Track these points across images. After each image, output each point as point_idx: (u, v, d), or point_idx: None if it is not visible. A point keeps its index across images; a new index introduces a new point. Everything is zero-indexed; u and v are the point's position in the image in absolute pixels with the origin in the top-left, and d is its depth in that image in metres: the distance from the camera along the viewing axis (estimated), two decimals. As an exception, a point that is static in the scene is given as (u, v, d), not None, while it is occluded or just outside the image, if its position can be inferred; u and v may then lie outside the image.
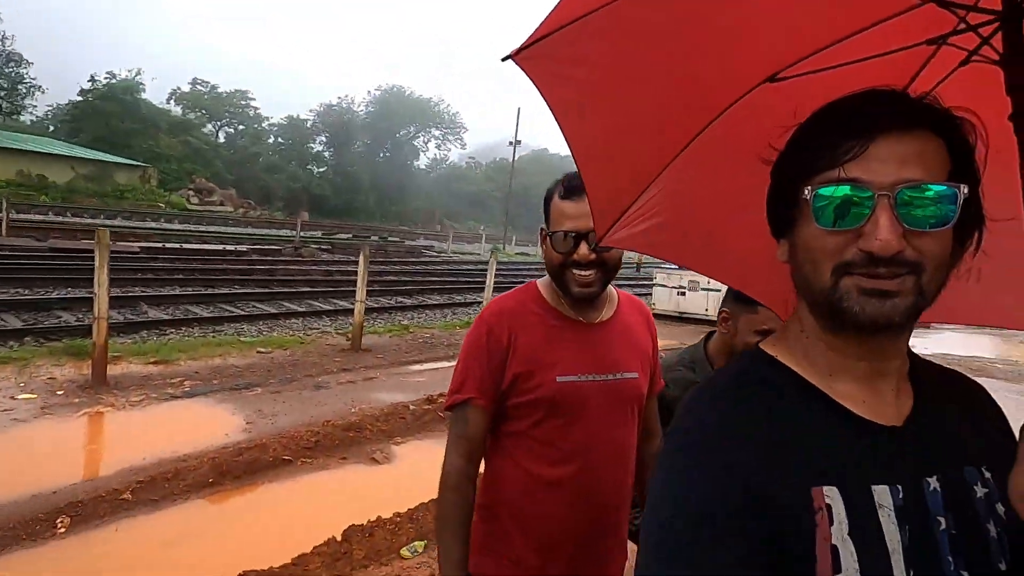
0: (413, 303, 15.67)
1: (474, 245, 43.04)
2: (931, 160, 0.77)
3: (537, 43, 1.02)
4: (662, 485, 0.79)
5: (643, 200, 1.34)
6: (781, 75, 1.15)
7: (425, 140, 78.15)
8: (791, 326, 0.90)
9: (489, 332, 1.69)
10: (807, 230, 0.81)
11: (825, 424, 0.82)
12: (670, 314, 16.44)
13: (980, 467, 0.85)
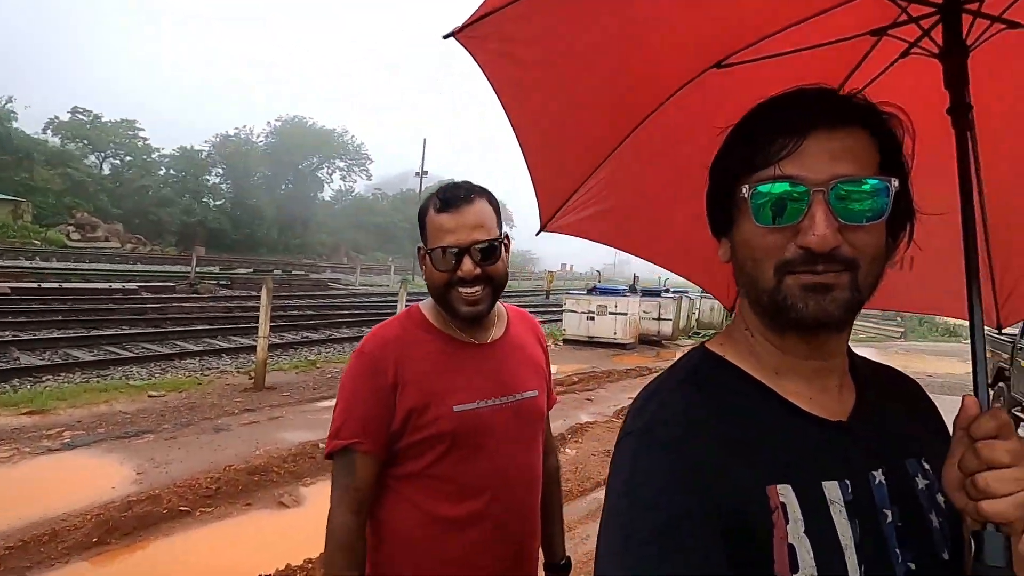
0: (320, 337, 15.15)
1: (383, 277, 42.33)
2: (862, 155, 0.79)
3: (481, 20, 0.98)
4: (623, 486, 0.78)
5: (590, 185, 1.31)
6: (728, 61, 1.15)
7: (329, 171, 76.57)
8: (736, 325, 0.91)
9: (372, 366, 1.53)
10: (746, 228, 0.82)
11: (776, 421, 0.82)
12: (580, 339, 16.72)
13: (920, 459, 0.88)
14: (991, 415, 0.77)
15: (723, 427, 0.80)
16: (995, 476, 0.73)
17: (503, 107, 1.12)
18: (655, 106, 1.20)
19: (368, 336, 1.61)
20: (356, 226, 73.82)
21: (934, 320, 34.79)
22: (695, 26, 1.12)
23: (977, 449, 0.75)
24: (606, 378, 12.16)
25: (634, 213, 1.40)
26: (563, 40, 1.09)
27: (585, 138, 1.25)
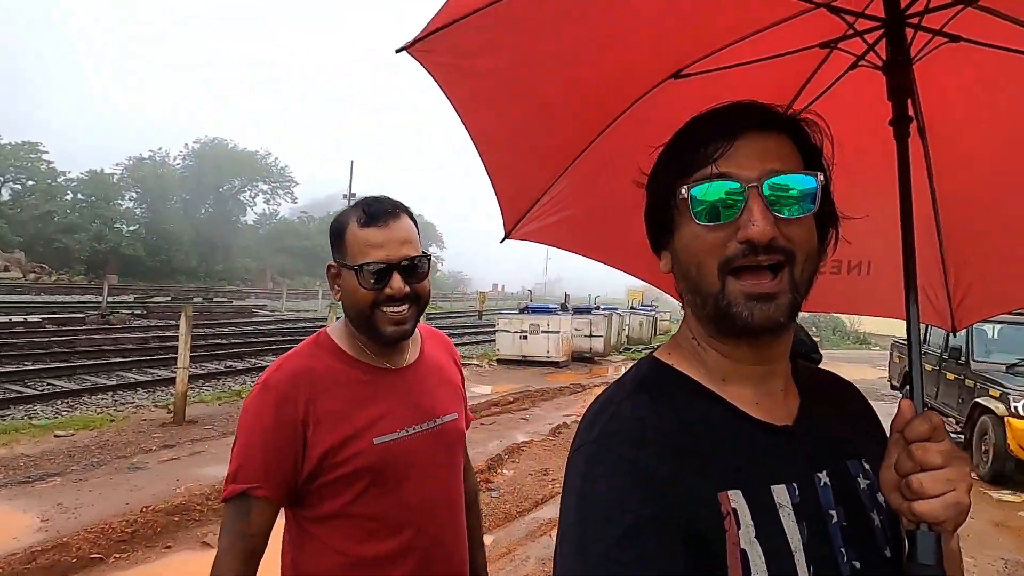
0: (245, 366, 14.55)
1: (310, 301, 41.17)
2: (788, 156, 0.84)
3: (434, 34, 0.97)
4: (577, 501, 0.78)
5: (554, 192, 1.32)
6: (686, 71, 1.18)
7: (252, 194, 74.04)
8: (683, 334, 0.93)
9: (278, 402, 1.39)
10: (687, 232, 0.85)
11: (725, 428, 0.84)
12: (514, 358, 16.74)
13: (860, 460, 0.91)
14: (924, 418, 0.80)
15: (674, 435, 0.81)
16: (928, 477, 0.76)
17: (461, 119, 1.12)
18: (616, 115, 1.22)
19: (273, 367, 1.45)
20: (282, 250, 71.65)
21: (845, 329, 36.85)
22: (653, 37, 1.14)
23: (911, 451, 0.78)
24: (540, 397, 12.20)
25: (598, 220, 1.41)
26: (521, 51, 1.09)
27: (547, 147, 1.26)
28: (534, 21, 1.05)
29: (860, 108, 0.98)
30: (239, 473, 1.38)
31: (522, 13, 1.01)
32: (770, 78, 1.23)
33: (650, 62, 1.17)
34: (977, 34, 1.06)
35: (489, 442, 8.53)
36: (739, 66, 1.14)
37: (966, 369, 9.15)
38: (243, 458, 1.38)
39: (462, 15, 0.96)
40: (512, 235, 1.39)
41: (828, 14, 1.06)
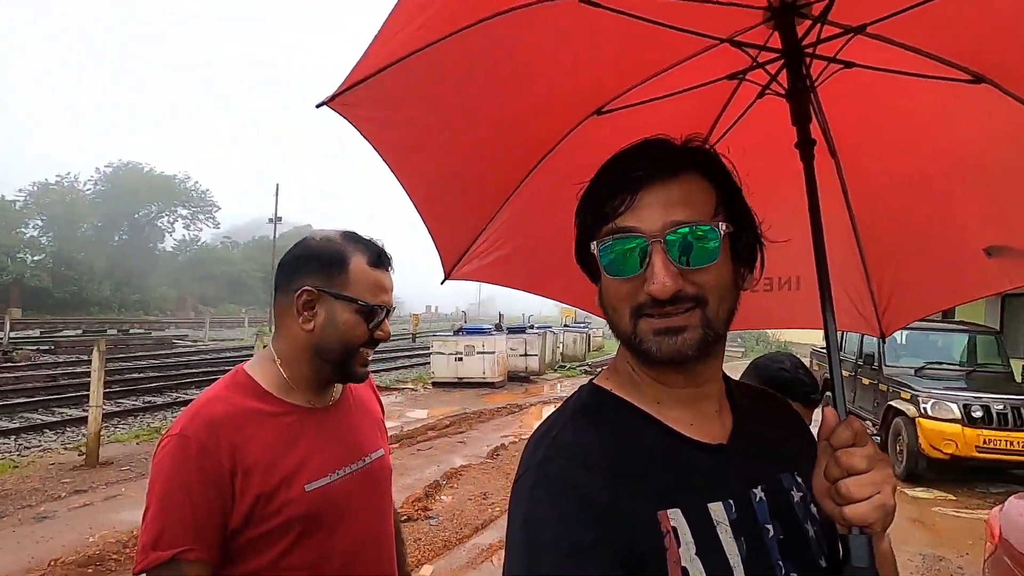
0: (166, 401, 13.81)
1: (236, 330, 39.68)
2: (696, 201, 0.85)
3: (355, 88, 0.98)
4: (521, 527, 0.80)
5: (490, 231, 1.35)
6: (607, 108, 1.23)
7: (171, 220, 71.00)
8: (620, 360, 0.95)
9: (200, 454, 1.26)
10: (604, 279, 0.89)
11: (662, 449, 0.87)
12: (449, 380, 16.56)
13: (793, 473, 0.95)
14: (847, 425, 0.83)
15: (613, 458, 0.84)
16: (854, 482, 0.79)
17: (389, 167, 1.13)
18: (544, 153, 1.26)
19: (188, 415, 1.31)
20: (204, 277, 68.80)
21: (768, 338, 38.42)
22: (572, 77, 1.18)
23: (837, 457, 0.81)
24: (477, 419, 12.11)
25: (535, 255, 1.44)
26: (444, 99, 1.12)
27: (478, 189, 1.28)
28: (455, 69, 1.07)
29: (779, 133, 1.04)
30: (163, 538, 1.21)
31: (442, 62, 1.03)
32: (688, 110, 1.28)
33: (572, 101, 1.22)
34: (870, 60, 1.13)
35: (426, 468, 8.38)
36: (656, 100, 1.19)
37: (879, 374, 9.67)
38: (165, 520, 1.22)
39: (382, 67, 0.97)
40: (452, 276, 1.41)
41: (738, 48, 1.12)
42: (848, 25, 1.09)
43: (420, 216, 1.25)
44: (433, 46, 0.97)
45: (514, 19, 0.99)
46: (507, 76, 1.13)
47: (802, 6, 1.04)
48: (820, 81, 1.10)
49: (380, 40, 0.93)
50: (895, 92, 1.23)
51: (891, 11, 1.04)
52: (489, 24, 0.98)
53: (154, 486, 1.26)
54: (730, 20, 1.09)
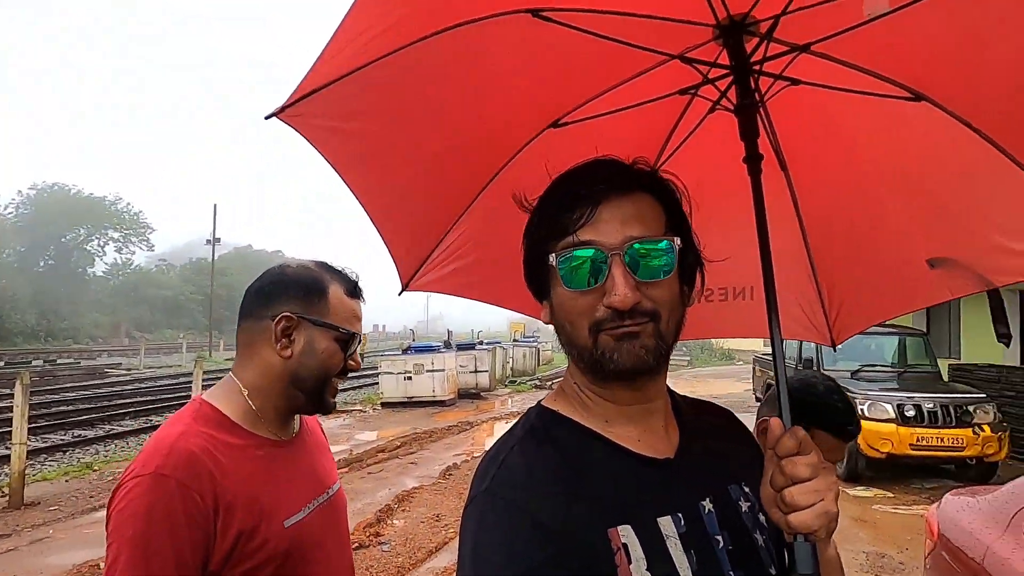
0: (98, 434, 13.07)
1: (174, 356, 38.15)
2: (649, 217, 0.89)
3: (305, 99, 0.96)
4: (472, 552, 0.80)
5: (447, 243, 1.34)
6: (563, 121, 1.24)
7: (101, 244, 67.99)
8: (567, 381, 0.97)
9: (182, 493, 1.16)
10: (560, 293, 0.89)
11: (611, 466, 0.88)
12: (399, 401, 16.32)
13: (740, 483, 0.97)
14: (791, 434, 0.85)
15: (562, 478, 0.84)
16: (798, 490, 0.81)
17: (342, 179, 1.12)
18: (501, 165, 1.27)
19: (161, 452, 1.20)
20: (138, 302, 65.99)
21: (712, 347, 39.42)
22: (528, 90, 1.19)
23: (782, 466, 0.83)
24: (429, 438, 11.94)
25: (494, 267, 1.43)
26: (399, 111, 1.11)
27: (436, 200, 1.28)
28: (410, 81, 1.07)
29: (733, 147, 1.06)
30: None
31: (397, 74, 1.02)
32: (643, 124, 1.30)
33: (529, 113, 1.23)
34: (815, 77, 1.17)
35: (377, 491, 8.19)
36: (612, 113, 1.21)
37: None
38: (145, 567, 1.12)
39: (333, 79, 0.95)
40: (410, 287, 1.39)
41: (689, 64, 1.14)
42: (794, 43, 1.12)
43: (375, 227, 1.24)
44: (387, 58, 0.96)
45: (469, 32, 0.99)
46: (464, 88, 1.14)
47: (750, 24, 1.07)
48: (768, 97, 1.13)
49: (330, 52, 0.92)
50: (841, 108, 1.27)
51: (835, 31, 1.08)
52: (444, 36, 0.98)
53: (124, 530, 1.14)
54: (681, 37, 1.11)
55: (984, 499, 3.15)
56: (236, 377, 1.38)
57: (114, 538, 1.14)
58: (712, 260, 1.00)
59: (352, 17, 0.88)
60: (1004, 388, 10.40)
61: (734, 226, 0.95)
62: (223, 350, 44.06)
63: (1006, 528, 2.85)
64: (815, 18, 1.05)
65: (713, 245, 0.97)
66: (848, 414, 1.62)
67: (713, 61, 1.13)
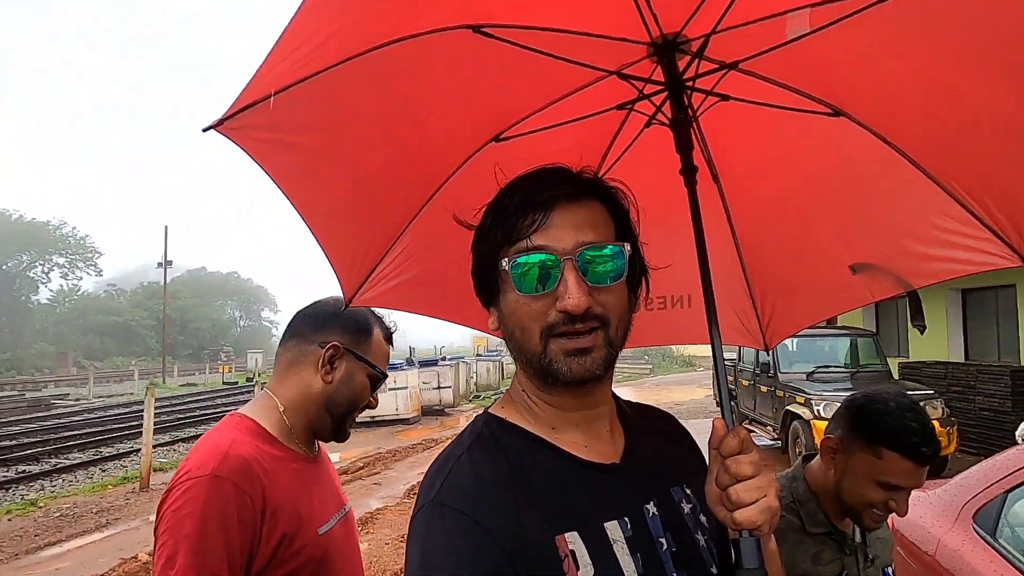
0: (44, 469, 12.50)
1: (125, 384, 36.85)
2: (600, 224, 0.91)
3: (244, 111, 0.94)
4: (419, 562, 0.79)
5: (391, 257, 1.34)
6: (505, 135, 1.26)
7: (46, 270, 65.56)
8: (515, 388, 0.98)
9: (237, 495, 1.25)
10: (511, 298, 0.90)
11: (558, 473, 0.89)
12: (362, 420, 15.99)
13: (682, 485, 0.99)
14: (734, 434, 0.88)
15: (510, 486, 0.85)
16: (742, 487, 0.84)
17: (284, 193, 1.11)
18: (444, 178, 1.28)
19: (218, 455, 1.28)
20: (86, 330, 63.68)
21: (673, 354, 39.98)
22: (470, 104, 1.21)
23: (727, 465, 0.86)
24: (392, 458, 11.78)
25: (438, 280, 1.44)
26: (341, 124, 1.10)
27: (378, 215, 1.28)
28: (352, 94, 1.06)
29: (669, 160, 1.09)
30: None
31: (338, 87, 1.02)
32: (582, 137, 1.32)
33: (470, 128, 1.24)
34: (744, 93, 1.22)
35: (341, 515, 8.02)
36: (552, 128, 1.23)
37: (775, 381, 10.23)
38: (203, 561, 1.19)
39: (274, 91, 0.94)
40: (354, 302, 1.39)
41: (625, 80, 1.16)
42: (723, 61, 1.16)
43: (318, 242, 1.22)
44: (329, 71, 0.95)
45: (412, 47, 0.99)
46: (406, 102, 1.14)
47: (681, 43, 1.10)
48: (701, 112, 1.16)
49: (270, 63, 0.90)
50: (769, 123, 1.32)
51: (760, 49, 1.13)
52: (387, 50, 0.98)
53: (181, 528, 1.21)
54: (618, 54, 1.13)
55: (934, 493, 3.24)
56: (274, 394, 1.49)
57: (169, 536, 1.21)
58: (656, 268, 1.02)
59: (293, 28, 0.87)
60: (951, 384, 10.79)
61: (671, 236, 0.98)
62: (177, 376, 42.79)
63: (955, 520, 2.93)
64: (743, 38, 1.09)
65: (652, 255, 0.99)
66: (924, 435, 1.48)
67: (648, 77, 1.16)
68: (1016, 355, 10.62)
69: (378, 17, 0.95)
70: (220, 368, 41.56)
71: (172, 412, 20.76)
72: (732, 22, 1.05)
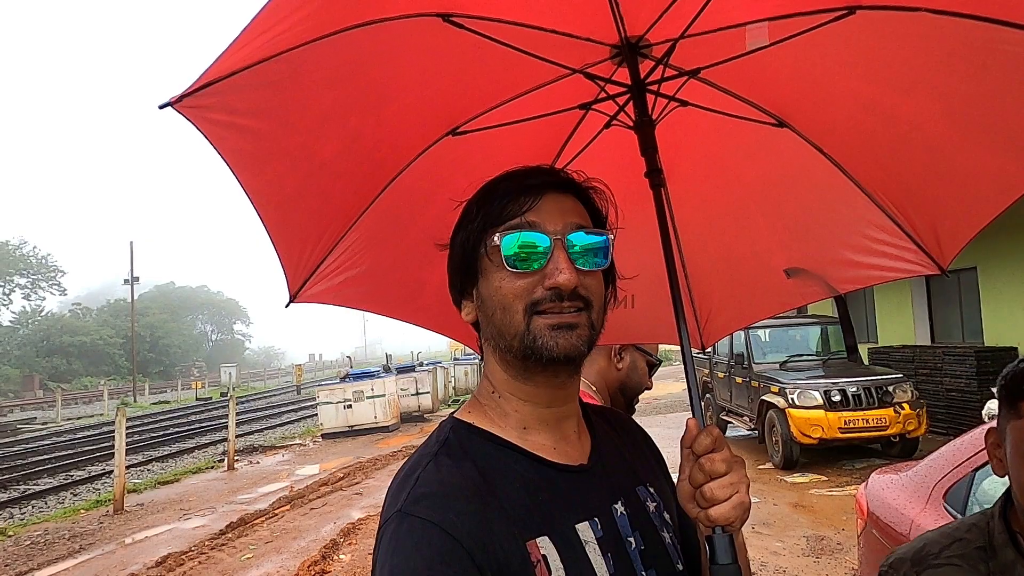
0: (12, 496, 12.15)
1: (95, 405, 35.97)
2: (584, 216, 0.95)
3: (203, 90, 0.92)
4: (389, 571, 0.78)
5: (339, 251, 1.31)
6: (462, 129, 1.24)
7: (7, 291, 63.65)
8: (482, 391, 0.98)
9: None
10: (496, 277, 0.90)
11: (527, 476, 0.89)
12: (340, 430, 15.91)
13: (646, 484, 1.01)
14: (706, 432, 0.89)
15: (480, 494, 0.84)
16: (717, 484, 0.85)
17: (236, 178, 1.08)
18: (398, 171, 1.26)
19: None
20: (52, 351, 61.97)
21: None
22: (427, 96, 1.19)
23: (701, 463, 0.86)
24: (373, 466, 11.69)
25: (387, 276, 1.42)
26: (297, 110, 1.09)
27: (329, 205, 1.25)
28: (312, 78, 1.05)
29: (619, 160, 1.13)
30: None
31: (300, 70, 1.00)
32: (538, 135, 1.33)
33: (427, 120, 1.23)
34: (699, 99, 1.25)
35: (321, 527, 7.93)
36: (510, 124, 1.23)
37: (750, 371, 10.38)
38: None
39: (236, 70, 0.92)
40: (298, 298, 1.34)
41: (586, 79, 1.18)
42: (683, 68, 1.19)
43: (267, 233, 1.19)
44: (290, 52, 0.93)
45: (376, 31, 0.98)
46: (365, 90, 1.12)
47: (645, 47, 1.12)
48: (662, 116, 1.18)
49: (236, 45, 0.88)
50: (713, 129, 1.37)
51: (718, 59, 1.17)
52: (351, 35, 0.96)
53: None
54: (583, 52, 1.14)
55: (906, 475, 3.31)
56: (584, 378, 1.69)
57: None
58: (624, 277, 1.05)
59: (266, 11, 0.86)
60: (918, 367, 11.06)
61: (618, 237, 1.00)
62: (148, 394, 41.91)
63: (927, 501, 3.00)
64: (702, 47, 1.13)
65: None
66: None
67: (609, 78, 1.17)
68: (979, 336, 10.91)
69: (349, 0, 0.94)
70: (192, 384, 40.84)
71: (145, 431, 20.33)
72: (695, 30, 1.08)
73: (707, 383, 12.31)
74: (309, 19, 0.90)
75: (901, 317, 12.89)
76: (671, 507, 1.02)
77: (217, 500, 10.23)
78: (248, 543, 7.59)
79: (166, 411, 28.31)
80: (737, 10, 1.10)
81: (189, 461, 14.73)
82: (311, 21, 0.90)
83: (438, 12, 1.00)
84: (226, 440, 13.78)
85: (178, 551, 7.37)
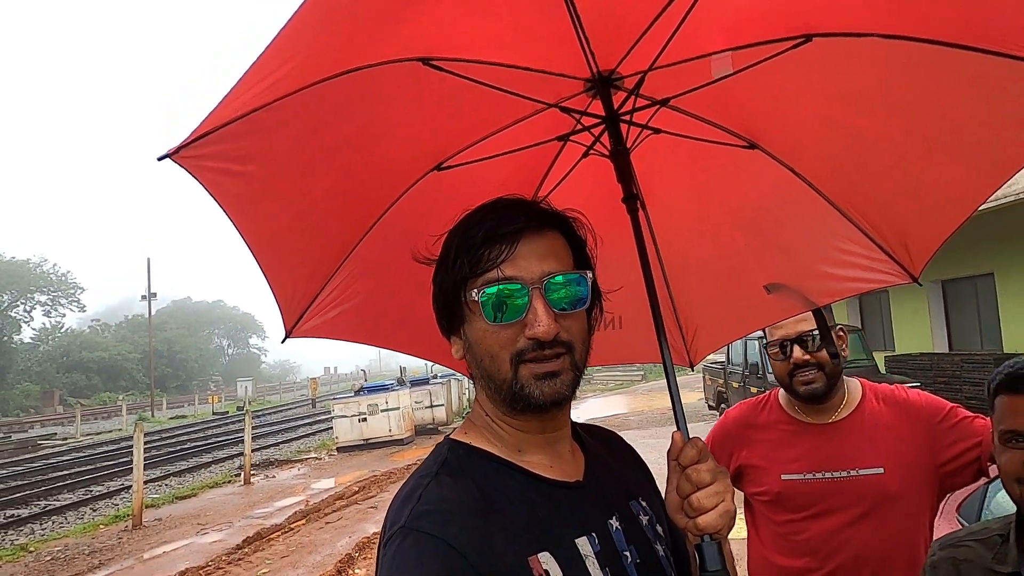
0: (33, 512, 12.30)
1: (113, 420, 36.32)
2: (561, 253, 0.96)
3: (198, 141, 0.97)
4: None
5: (332, 287, 1.36)
6: (446, 164, 1.29)
7: (28, 308, 64.54)
8: (477, 414, 1.01)
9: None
10: (479, 327, 0.93)
11: (526, 493, 0.92)
12: (355, 443, 15.95)
13: (638, 498, 1.04)
14: (692, 444, 0.91)
15: (479, 509, 0.86)
16: (703, 494, 0.87)
17: (232, 223, 1.14)
18: (386, 207, 1.31)
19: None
20: (72, 367, 62.68)
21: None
22: (413, 134, 1.25)
23: (687, 474, 0.89)
24: (388, 480, 11.70)
25: (378, 309, 1.47)
26: (287, 152, 1.14)
27: (320, 242, 1.30)
28: (299, 123, 1.09)
29: (599, 188, 1.17)
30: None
31: (288, 116, 1.05)
32: (520, 167, 1.38)
33: (413, 157, 1.28)
34: (672, 126, 1.30)
35: (337, 541, 7.96)
36: (492, 158, 1.28)
37: (764, 381, 10.30)
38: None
39: (227, 120, 0.97)
40: (293, 334, 1.39)
41: (562, 112, 1.23)
42: (654, 97, 1.24)
43: (262, 271, 1.23)
44: (281, 101, 0.98)
45: (361, 77, 1.03)
46: (352, 132, 1.17)
47: (617, 80, 1.17)
48: (636, 144, 1.22)
49: (231, 96, 0.94)
50: (689, 154, 1.42)
51: (688, 88, 1.22)
52: (338, 81, 1.01)
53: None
54: (558, 88, 1.19)
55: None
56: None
57: None
58: (608, 291, 1.07)
59: (258, 64, 0.91)
60: (937, 375, 10.91)
61: (603, 261, 1.04)
62: (166, 409, 42.26)
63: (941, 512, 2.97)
64: (671, 77, 1.18)
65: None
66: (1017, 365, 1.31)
67: (584, 110, 1.22)
68: (998, 343, 10.76)
69: (335, 49, 0.99)
70: (209, 398, 41.11)
71: (163, 446, 20.51)
72: (663, 62, 1.13)
73: (722, 393, 12.22)
74: (298, 69, 0.95)
75: (918, 325, 12.75)
76: (662, 520, 1.05)
77: (234, 514, 10.30)
78: (264, 558, 7.64)
79: (183, 426, 28.54)
80: (702, 41, 1.15)
81: (206, 475, 14.84)
82: (300, 71, 0.95)
83: (418, 56, 1.06)
84: (242, 454, 13.87)
85: (195, 566, 7.43)
